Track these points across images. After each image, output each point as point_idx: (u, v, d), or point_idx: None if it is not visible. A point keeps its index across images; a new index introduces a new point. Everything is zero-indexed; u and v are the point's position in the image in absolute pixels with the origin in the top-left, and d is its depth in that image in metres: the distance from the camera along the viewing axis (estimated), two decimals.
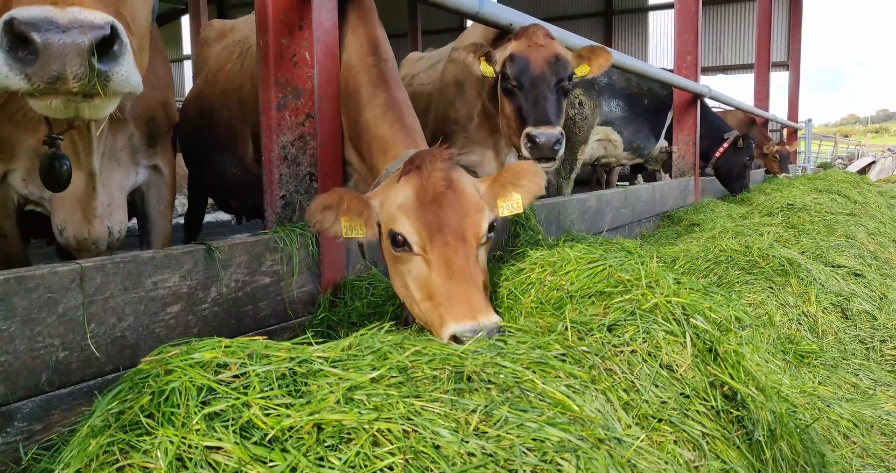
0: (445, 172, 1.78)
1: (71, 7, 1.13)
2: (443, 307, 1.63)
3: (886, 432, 2.10)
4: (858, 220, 4.73)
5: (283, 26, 2.17)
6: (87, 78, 1.13)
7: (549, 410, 1.14)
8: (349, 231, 1.80)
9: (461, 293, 1.63)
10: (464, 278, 1.66)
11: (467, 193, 1.80)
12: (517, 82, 2.87)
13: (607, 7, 20.07)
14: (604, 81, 6.18)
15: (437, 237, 1.70)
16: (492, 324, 1.58)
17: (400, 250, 1.75)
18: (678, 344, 1.59)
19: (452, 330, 1.58)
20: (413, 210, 1.73)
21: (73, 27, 1.11)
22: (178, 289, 1.76)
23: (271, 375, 1.06)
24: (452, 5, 2.69)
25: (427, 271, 1.70)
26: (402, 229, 1.74)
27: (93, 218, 2.20)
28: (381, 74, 2.29)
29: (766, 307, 2.83)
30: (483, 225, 1.78)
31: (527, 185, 1.92)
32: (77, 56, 1.11)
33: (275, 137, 2.21)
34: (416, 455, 0.96)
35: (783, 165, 9.94)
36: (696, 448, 1.38)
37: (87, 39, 1.12)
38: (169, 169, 2.52)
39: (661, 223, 5.61)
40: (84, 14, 1.13)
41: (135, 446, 0.93)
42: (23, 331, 1.42)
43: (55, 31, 1.10)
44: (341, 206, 1.78)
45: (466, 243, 1.73)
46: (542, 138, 2.68)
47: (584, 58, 3.01)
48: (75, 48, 1.11)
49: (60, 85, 1.13)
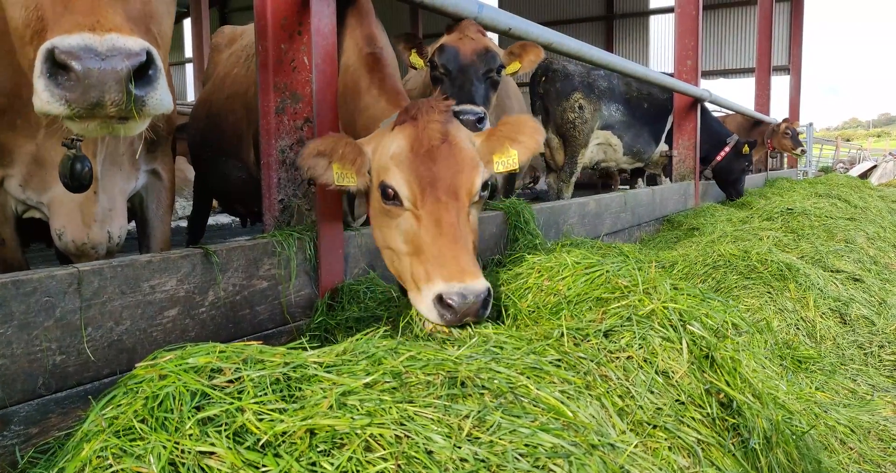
0: (441, 124, 1.71)
1: (109, 34, 1.16)
2: (430, 264, 1.58)
3: (884, 437, 2.10)
4: (858, 224, 4.72)
5: (283, 32, 2.19)
6: (125, 104, 1.17)
7: (542, 416, 1.14)
8: (340, 179, 1.77)
9: (450, 253, 1.57)
10: (454, 237, 1.60)
11: (463, 147, 1.73)
12: (445, 70, 2.85)
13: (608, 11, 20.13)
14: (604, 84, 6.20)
15: (429, 193, 1.64)
16: (481, 288, 1.54)
17: (390, 203, 1.70)
18: (674, 351, 1.59)
19: (440, 289, 1.53)
20: (406, 162, 1.68)
21: (112, 55, 1.14)
22: (175, 293, 1.76)
23: (265, 380, 1.06)
24: (452, 10, 2.70)
25: (416, 227, 1.65)
26: (393, 182, 1.69)
27: (92, 223, 2.21)
28: (376, 58, 2.31)
29: (764, 313, 2.83)
30: (477, 182, 1.71)
31: (525, 141, 1.85)
32: (115, 83, 1.15)
33: (273, 141, 2.22)
34: (408, 460, 0.97)
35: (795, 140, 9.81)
36: (690, 455, 1.38)
37: (125, 67, 1.15)
38: (168, 173, 2.53)
39: (661, 227, 5.61)
40: (122, 41, 1.16)
41: (128, 451, 0.94)
42: (20, 335, 1.43)
43: (95, 60, 1.13)
44: (335, 152, 1.74)
45: (459, 200, 1.67)
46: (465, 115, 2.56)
47: (516, 54, 3.00)
48: (114, 76, 1.14)
49: (99, 110, 1.16)
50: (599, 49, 4.30)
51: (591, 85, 6.10)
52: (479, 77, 2.81)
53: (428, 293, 1.56)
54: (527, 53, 3.00)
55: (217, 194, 4.19)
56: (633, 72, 4.93)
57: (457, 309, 1.53)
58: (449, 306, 1.53)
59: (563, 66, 6.15)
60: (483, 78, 2.84)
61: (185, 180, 7.44)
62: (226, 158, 3.43)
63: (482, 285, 1.55)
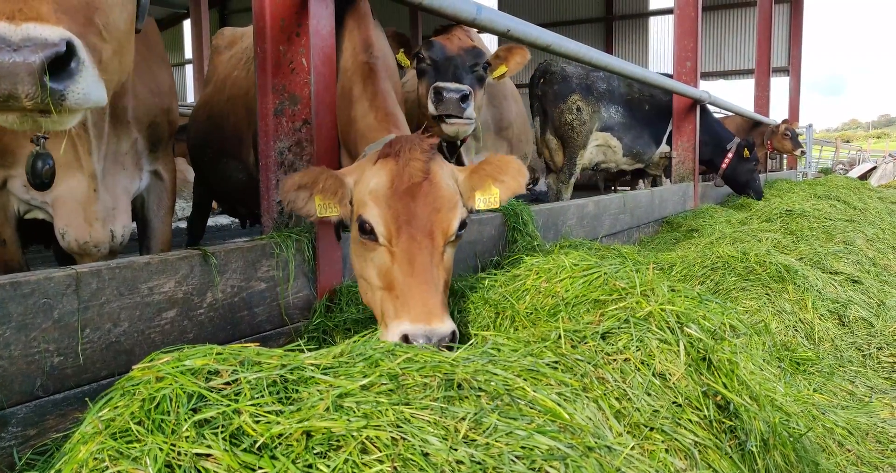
0: (423, 163, 1.72)
1: (26, 23, 1.10)
2: (399, 302, 1.61)
3: (882, 439, 2.10)
4: (857, 226, 4.73)
5: (281, 34, 2.19)
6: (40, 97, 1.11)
7: (539, 418, 1.14)
8: (323, 210, 1.78)
9: (419, 294, 1.59)
10: (424, 277, 1.62)
11: (443, 186, 1.75)
12: (430, 61, 2.84)
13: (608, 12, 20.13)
14: (603, 86, 6.23)
15: (405, 231, 1.66)
16: (446, 331, 1.55)
17: (366, 237, 1.72)
18: (672, 353, 1.59)
19: (405, 329, 1.55)
20: (384, 199, 1.70)
21: (25, 46, 1.09)
22: (173, 294, 1.76)
23: (262, 382, 1.07)
24: (451, 12, 2.70)
25: (389, 264, 1.67)
26: (370, 218, 1.71)
27: (94, 221, 2.21)
28: (371, 68, 2.30)
29: (763, 314, 2.83)
30: (454, 223, 1.74)
31: (507, 181, 1.87)
32: (28, 75, 1.09)
33: (272, 142, 2.22)
34: (404, 462, 0.97)
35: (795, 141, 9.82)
36: (687, 457, 1.38)
37: (37, 59, 1.09)
38: (169, 174, 2.53)
39: (660, 229, 5.62)
40: (38, 30, 1.10)
41: (124, 453, 0.94)
42: (18, 337, 1.43)
43: (6, 51, 1.08)
44: (316, 185, 1.76)
45: (434, 240, 1.69)
46: (448, 93, 2.56)
47: (501, 58, 3.01)
48: (26, 67, 1.09)
49: (13, 102, 1.11)
50: (598, 50, 4.30)
51: (589, 87, 6.13)
52: (464, 67, 2.80)
53: (395, 331, 1.58)
54: (512, 56, 3.01)
55: (218, 195, 4.19)
56: (631, 73, 4.94)
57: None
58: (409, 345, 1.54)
59: (562, 68, 6.17)
60: (469, 69, 2.82)
61: (184, 181, 7.45)
62: (227, 159, 3.44)
63: (447, 328, 1.57)
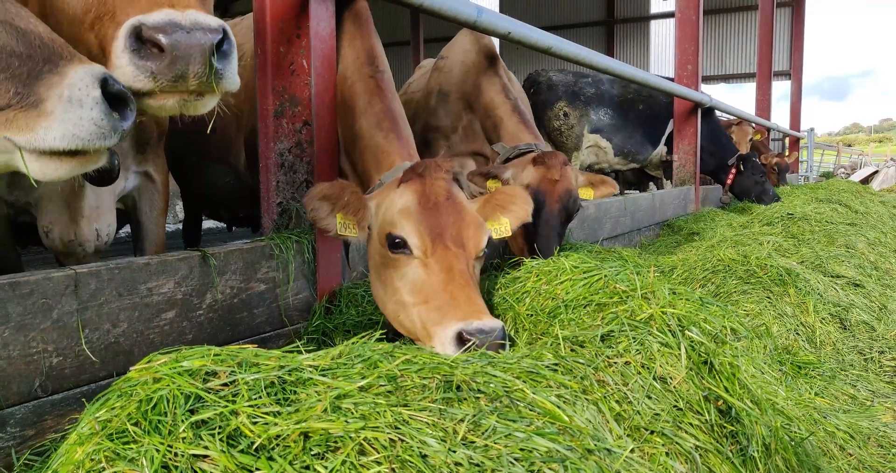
0: (447, 182, 1.78)
1: (187, 10, 1.20)
2: (444, 308, 1.59)
3: (884, 444, 2.09)
4: (859, 230, 4.72)
5: (282, 35, 2.19)
6: (207, 76, 1.21)
7: (538, 420, 1.14)
8: (343, 229, 1.80)
9: (464, 296, 1.60)
10: (465, 282, 1.64)
11: (466, 206, 1.81)
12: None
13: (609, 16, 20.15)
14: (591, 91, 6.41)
15: (439, 242, 1.69)
16: (498, 325, 1.54)
17: (398, 252, 1.72)
18: (673, 356, 1.59)
19: (458, 327, 1.52)
20: (415, 214, 1.72)
21: (196, 29, 1.19)
22: (172, 295, 1.76)
23: (260, 383, 1.06)
24: (451, 15, 2.70)
25: (424, 276, 1.67)
26: (402, 232, 1.72)
27: (80, 219, 2.20)
28: (377, 84, 2.30)
29: (764, 318, 2.82)
30: (483, 238, 1.78)
31: (516, 210, 1.97)
32: (200, 55, 1.19)
33: (272, 144, 2.22)
34: (402, 464, 0.96)
35: (781, 177, 9.99)
36: (688, 461, 1.37)
37: (208, 40, 1.19)
38: (161, 176, 2.52)
39: (660, 232, 5.61)
40: (201, 17, 1.21)
41: (121, 454, 0.93)
42: (17, 337, 1.43)
43: (181, 33, 1.17)
44: (341, 199, 1.77)
45: (466, 250, 1.72)
46: None
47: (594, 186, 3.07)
48: (199, 48, 1.19)
49: (181, 84, 1.20)
50: (598, 53, 4.30)
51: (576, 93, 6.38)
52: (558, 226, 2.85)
53: (448, 331, 1.55)
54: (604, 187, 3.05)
55: (200, 199, 4.10)
56: (632, 76, 4.94)
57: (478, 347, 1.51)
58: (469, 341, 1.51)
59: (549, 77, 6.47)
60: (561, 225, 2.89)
61: None
62: (212, 162, 3.39)
63: (499, 323, 1.57)
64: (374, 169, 2.11)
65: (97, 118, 1.08)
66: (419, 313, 1.66)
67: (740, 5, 18.57)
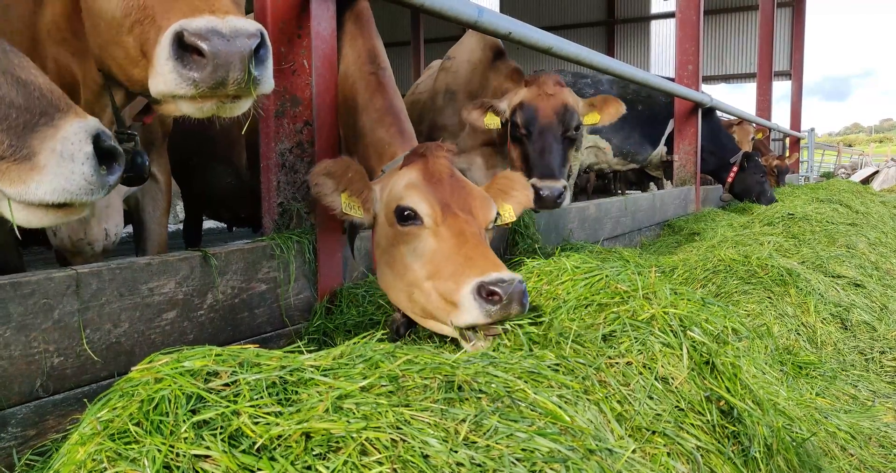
0: (449, 161, 1.80)
1: (227, 16, 1.21)
2: (460, 270, 1.57)
3: (885, 444, 2.09)
4: (860, 230, 4.71)
5: (282, 35, 2.19)
6: (245, 82, 1.22)
7: (539, 420, 1.13)
8: (347, 208, 1.80)
9: (480, 254, 1.59)
10: (479, 241, 1.64)
11: (470, 183, 1.83)
12: (526, 131, 2.98)
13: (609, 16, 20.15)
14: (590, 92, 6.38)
15: (448, 210, 1.69)
16: (518, 275, 1.53)
17: (408, 224, 1.70)
18: (674, 356, 1.58)
19: (478, 281, 1.50)
20: (422, 186, 1.73)
21: (235, 36, 1.19)
22: (174, 295, 1.76)
23: (261, 383, 1.06)
24: (452, 15, 2.70)
25: (436, 245, 1.66)
26: (410, 202, 1.71)
27: (90, 218, 2.20)
28: (378, 81, 2.30)
29: (765, 318, 2.82)
30: (491, 211, 1.79)
31: (517, 196, 1.96)
32: (240, 62, 1.20)
33: (273, 144, 2.22)
34: (404, 464, 0.96)
35: (780, 179, 10.01)
36: (689, 462, 1.37)
37: (248, 47, 1.20)
38: (164, 176, 2.52)
39: (661, 232, 5.61)
40: (241, 23, 1.21)
41: (122, 454, 0.93)
42: (18, 337, 1.43)
43: (222, 40, 1.18)
44: (345, 175, 1.78)
45: (476, 219, 1.73)
46: (546, 192, 2.81)
47: (596, 106, 3.12)
48: (239, 55, 1.19)
49: (220, 90, 1.21)
50: (598, 53, 4.30)
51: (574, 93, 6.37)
52: (557, 138, 2.94)
53: (464, 291, 1.52)
54: (607, 107, 3.12)
55: (202, 199, 4.11)
56: (632, 76, 4.94)
57: (502, 295, 1.49)
58: (492, 294, 1.50)
59: None
60: (561, 138, 2.97)
61: None
62: (214, 163, 3.40)
63: (517, 275, 1.56)
64: (377, 163, 2.11)
65: (87, 174, 1.07)
66: (435, 285, 1.62)
67: (741, 5, 18.57)
